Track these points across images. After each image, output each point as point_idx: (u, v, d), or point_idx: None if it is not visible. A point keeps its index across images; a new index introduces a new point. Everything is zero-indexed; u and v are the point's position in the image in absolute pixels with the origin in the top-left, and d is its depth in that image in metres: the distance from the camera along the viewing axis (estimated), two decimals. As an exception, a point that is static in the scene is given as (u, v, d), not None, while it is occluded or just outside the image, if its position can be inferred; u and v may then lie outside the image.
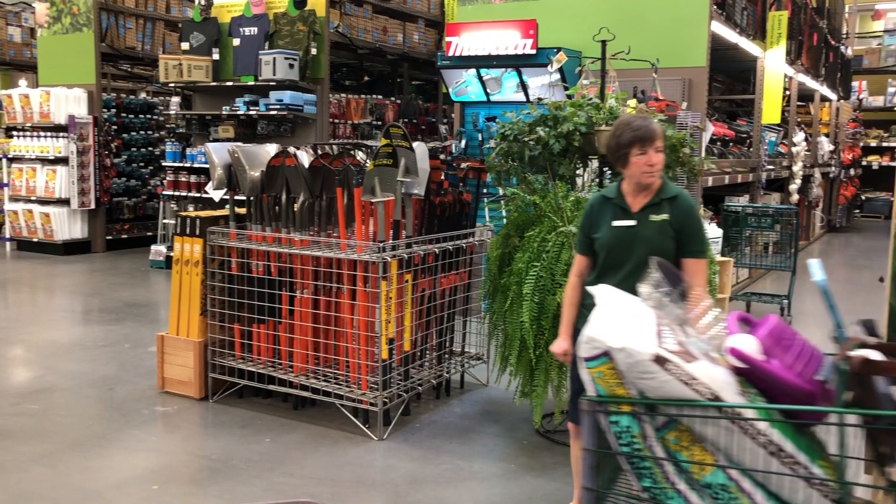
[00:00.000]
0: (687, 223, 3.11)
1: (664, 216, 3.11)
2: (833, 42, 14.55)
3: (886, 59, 17.96)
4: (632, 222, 3.14)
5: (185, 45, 9.49)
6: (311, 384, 4.66)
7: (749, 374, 2.02)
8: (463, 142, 7.94)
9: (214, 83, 9.20)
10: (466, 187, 5.22)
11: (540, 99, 5.59)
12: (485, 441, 4.49)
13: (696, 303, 2.29)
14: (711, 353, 2.10)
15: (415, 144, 4.52)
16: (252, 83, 8.87)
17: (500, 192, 4.95)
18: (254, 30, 8.98)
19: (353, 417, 4.59)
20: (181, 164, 9.78)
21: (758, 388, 2.03)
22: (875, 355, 1.90)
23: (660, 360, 1.94)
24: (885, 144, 17.78)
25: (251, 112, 8.77)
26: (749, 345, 2.08)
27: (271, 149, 5.13)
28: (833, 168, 15.03)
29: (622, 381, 1.99)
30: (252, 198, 4.88)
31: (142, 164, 11.85)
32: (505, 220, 4.55)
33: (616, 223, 3.17)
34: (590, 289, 2.31)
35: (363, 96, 11.24)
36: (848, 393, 1.86)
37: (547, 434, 4.53)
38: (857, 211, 17.98)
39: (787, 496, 1.92)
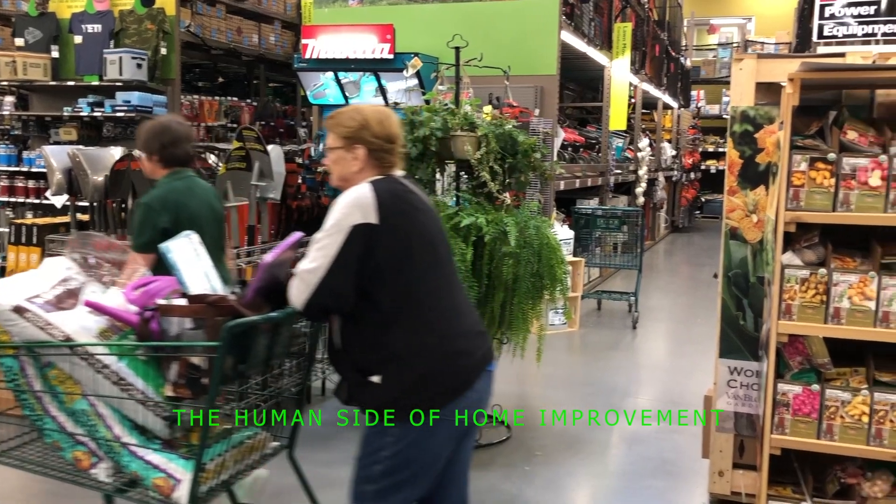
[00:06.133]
0: None
1: None
2: (673, 53, 15.51)
3: (720, 70, 19.31)
4: None
5: (19, 41, 8.85)
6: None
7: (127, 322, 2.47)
8: (322, 145, 7.87)
9: (54, 82, 8.64)
10: (325, 191, 5.18)
11: (397, 103, 5.64)
12: (346, 447, 4.44)
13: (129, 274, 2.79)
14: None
15: (269, 147, 4.44)
16: (96, 83, 8.39)
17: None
18: (97, 27, 8.52)
19: (208, 430, 4.44)
20: (17, 169, 9.13)
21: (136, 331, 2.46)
22: (178, 302, 2.38)
23: (19, 310, 2.36)
24: (721, 150, 19.07)
25: (96, 114, 8.29)
26: (115, 299, 2.53)
27: (116, 152, 4.91)
28: (675, 172, 16.00)
29: (5, 329, 2.41)
30: (95, 203, 4.64)
31: (-28, 168, 10.96)
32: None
33: None
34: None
35: (217, 98, 10.90)
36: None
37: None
38: (698, 212, 19.21)
39: (132, 416, 2.39)
